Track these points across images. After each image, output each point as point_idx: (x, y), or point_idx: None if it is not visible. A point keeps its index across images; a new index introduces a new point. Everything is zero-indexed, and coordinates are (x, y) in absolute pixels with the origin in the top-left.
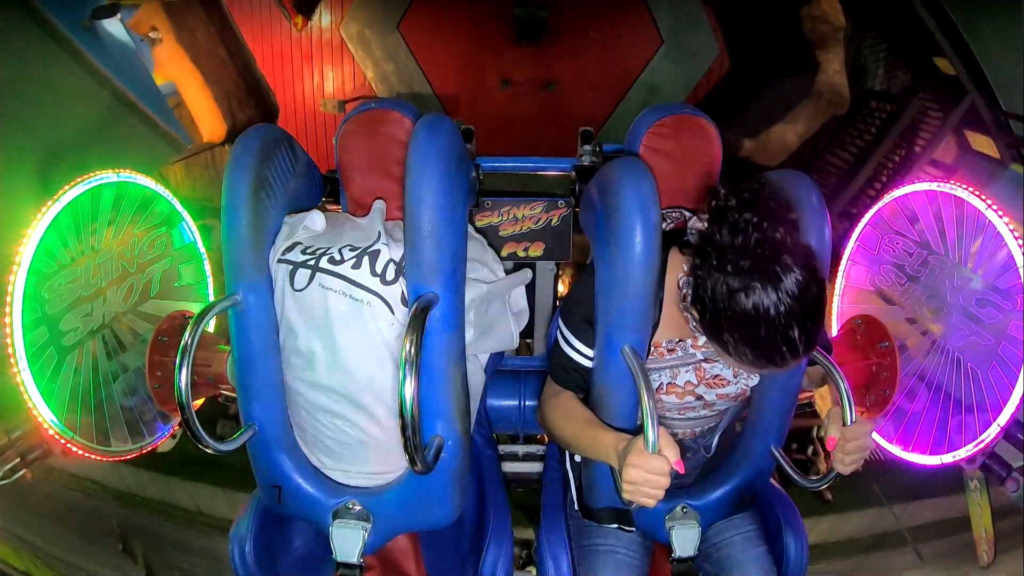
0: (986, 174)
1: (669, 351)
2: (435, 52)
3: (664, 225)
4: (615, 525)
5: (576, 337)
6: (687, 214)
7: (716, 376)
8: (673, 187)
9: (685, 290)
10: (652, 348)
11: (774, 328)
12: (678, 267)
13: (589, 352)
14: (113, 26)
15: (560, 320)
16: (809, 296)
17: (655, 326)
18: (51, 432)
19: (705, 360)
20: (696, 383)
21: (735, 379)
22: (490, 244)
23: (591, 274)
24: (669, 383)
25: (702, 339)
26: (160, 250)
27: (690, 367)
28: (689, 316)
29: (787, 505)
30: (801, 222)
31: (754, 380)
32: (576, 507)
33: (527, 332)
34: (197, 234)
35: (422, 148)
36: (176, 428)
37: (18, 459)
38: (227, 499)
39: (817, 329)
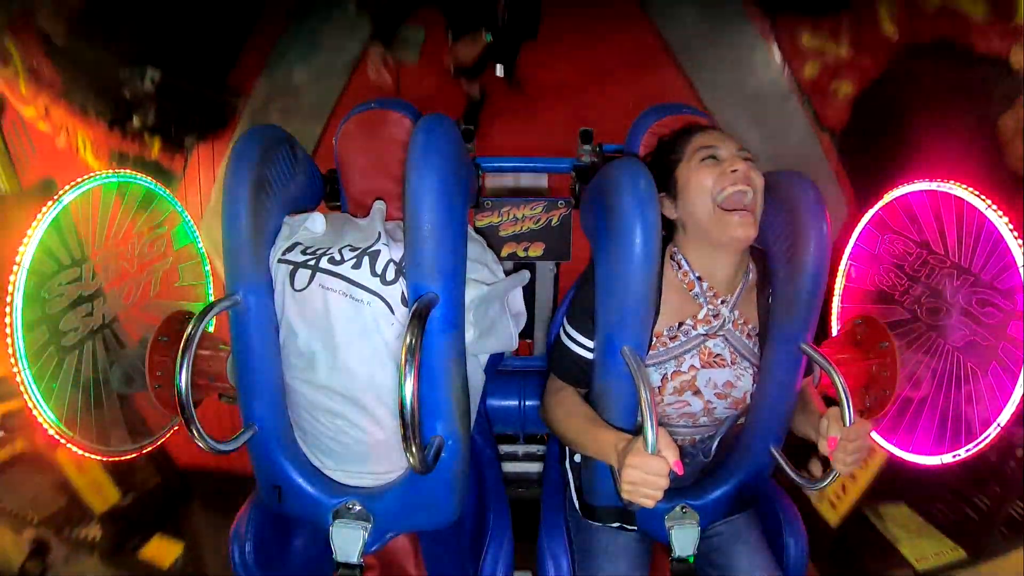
0: None
1: (671, 338)
2: None
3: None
4: (616, 524)
5: (577, 330)
6: None
7: (717, 355)
8: None
9: (678, 257)
10: (654, 339)
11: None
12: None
13: (590, 344)
14: None
15: (562, 314)
16: None
17: (655, 316)
18: (51, 432)
19: (707, 336)
20: (699, 366)
21: (732, 365)
22: (490, 244)
23: (592, 272)
24: (674, 371)
25: (702, 313)
26: (160, 250)
27: (694, 351)
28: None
29: (787, 505)
30: (800, 222)
31: (747, 380)
32: (576, 507)
33: (527, 332)
34: (198, 234)
35: (422, 148)
36: (176, 428)
37: None
38: None
39: None
